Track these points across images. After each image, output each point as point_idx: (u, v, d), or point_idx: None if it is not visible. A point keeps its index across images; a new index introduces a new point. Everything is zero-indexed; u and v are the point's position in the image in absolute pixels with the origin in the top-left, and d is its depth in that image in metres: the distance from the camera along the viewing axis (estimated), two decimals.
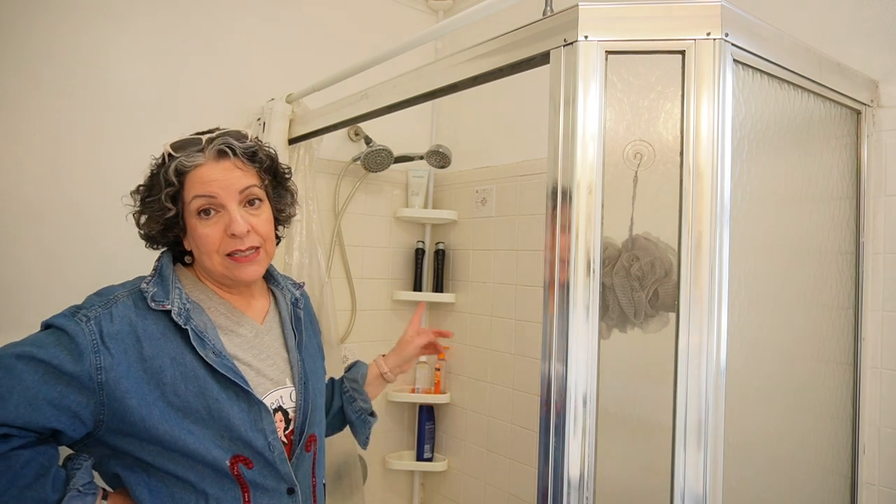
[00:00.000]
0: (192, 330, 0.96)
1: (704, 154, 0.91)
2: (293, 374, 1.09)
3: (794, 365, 1.21)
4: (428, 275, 2.45)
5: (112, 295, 0.96)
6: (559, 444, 0.93)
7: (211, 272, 1.03)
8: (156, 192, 1.00)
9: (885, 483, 1.26)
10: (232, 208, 0.99)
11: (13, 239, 1.65)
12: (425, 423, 2.39)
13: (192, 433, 0.93)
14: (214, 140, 1.00)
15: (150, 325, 0.94)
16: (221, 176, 0.99)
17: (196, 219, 0.99)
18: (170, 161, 0.99)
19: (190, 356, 0.95)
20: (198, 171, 0.98)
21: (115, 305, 0.94)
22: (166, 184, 0.98)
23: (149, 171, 1.04)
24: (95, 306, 0.93)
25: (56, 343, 0.89)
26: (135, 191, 1.06)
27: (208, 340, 0.97)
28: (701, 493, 0.89)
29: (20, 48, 1.65)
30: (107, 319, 0.92)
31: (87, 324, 0.90)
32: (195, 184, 0.98)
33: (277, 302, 1.15)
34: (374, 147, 2.18)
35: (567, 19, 0.96)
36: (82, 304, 0.95)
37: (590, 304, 0.93)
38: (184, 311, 0.97)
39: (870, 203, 1.29)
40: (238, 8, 2.03)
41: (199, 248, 1.00)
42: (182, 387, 0.94)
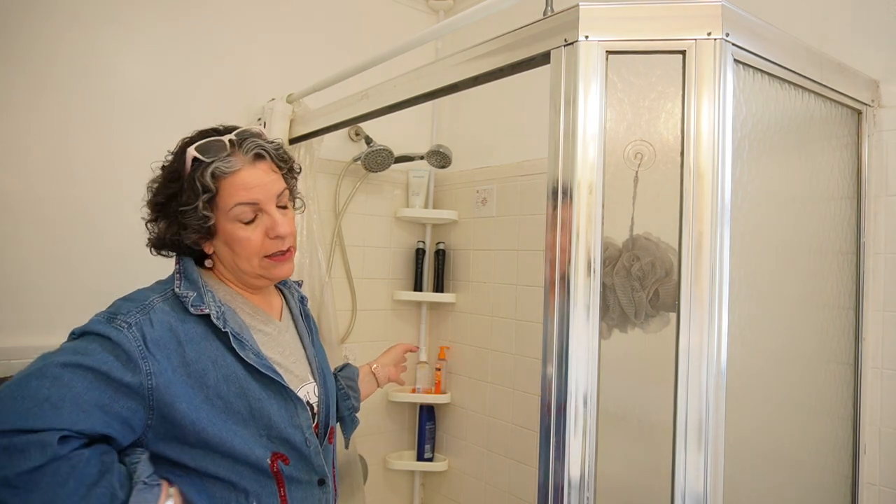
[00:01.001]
0: (232, 333, 0.96)
1: (705, 154, 0.91)
2: (312, 370, 1.12)
3: (795, 365, 1.21)
4: (428, 275, 2.45)
5: (147, 300, 0.94)
6: (559, 444, 0.93)
7: (246, 273, 1.02)
8: (191, 201, 0.96)
9: (886, 483, 1.26)
10: (272, 211, 0.99)
11: (18, 239, 1.65)
12: (426, 423, 2.39)
13: (237, 434, 0.94)
14: (244, 142, 0.99)
15: (190, 330, 0.94)
16: (261, 181, 0.98)
17: (234, 224, 0.98)
18: (201, 166, 0.96)
19: (230, 358, 0.95)
20: (237, 177, 0.97)
21: (153, 311, 0.92)
22: (203, 190, 0.95)
23: (166, 175, 1.00)
24: (133, 312, 0.91)
25: (101, 350, 0.87)
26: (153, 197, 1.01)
27: (246, 342, 0.98)
28: (701, 493, 0.89)
29: (23, 50, 1.66)
30: (147, 325, 0.91)
31: (129, 330, 0.89)
32: (237, 190, 0.96)
33: (287, 300, 1.18)
34: (374, 147, 2.18)
35: (567, 19, 0.96)
36: (116, 311, 0.92)
37: (590, 304, 0.93)
38: (220, 314, 0.96)
39: (870, 203, 1.29)
40: (239, 8, 2.03)
41: (237, 252, 0.99)
42: (224, 388, 0.94)
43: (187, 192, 0.96)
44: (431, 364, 2.44)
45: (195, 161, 0.97)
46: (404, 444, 2.46)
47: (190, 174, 0.96)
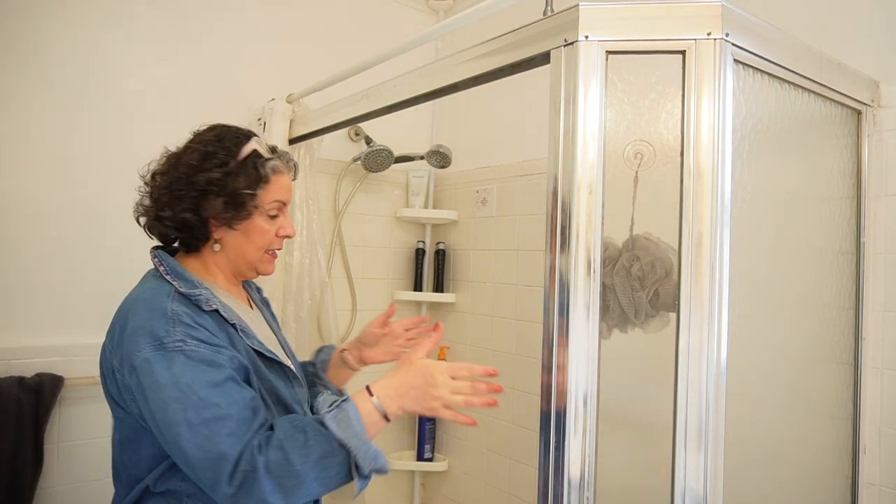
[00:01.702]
0: (238, 324, 1.02)
1: (705, 154, 0.91)
2: (286, 352, 1.19)
3: (795, 365, 1.21)
4: (428, 275, 2.45)
5: (168, 311, 0.94)
6: (559, 444, 0.93)
7: (246, 263, 1.08)
8: (251, 185, 1.03)
9: (886, 483, 1.26)
10: (288, 215, 1.11)
11: (17, 239, 1.65)
12: (425, 422, 2.39)
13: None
14: (283, 154, 1.11)
15: (208, 323, 0.97)
16: (291, 188, 1.11)
17: (264, 217, 1.06)
18: (258, 158, 1.04)
19: (242, 343, 1.01)
20: (282, 177, 1.08)
21: (182, 317, 0.94)
22: (263, 179, 1.04)
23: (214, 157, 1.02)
24: (171, 329, 0.92)
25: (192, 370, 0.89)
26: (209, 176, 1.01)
27: (248, 330, 1.04)
28: (701, 493, 0.89)
29: (23, 51, 1.66)
30: (193, 329, 0.93)
31: (187, 344, 0.91)
32: (280, 188, 1.07)
33: (249, 292, 1.23)
34: (374, 147, 2.18)
35: (567, 19, 0.96)
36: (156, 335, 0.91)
37: (590, 304, 0.93)
38: (224, 307, 1.01)
39: (870, 203, 1.29)
40: (239, 8, 2.04)
41: (252, 241, 1.06)
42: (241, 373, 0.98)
43: (244, 177, 1.03)
44: None
45: (254, 152, 1.04)
46: (404, 444, 2.46)
47: (245, 161, 1.03)
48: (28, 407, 1.55)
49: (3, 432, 1.51)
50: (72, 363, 1.66)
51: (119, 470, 1.03)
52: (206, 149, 1.03)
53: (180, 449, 0.87)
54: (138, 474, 0.98)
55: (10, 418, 1.52)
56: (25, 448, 1.54)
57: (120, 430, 1.02)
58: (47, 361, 1.65)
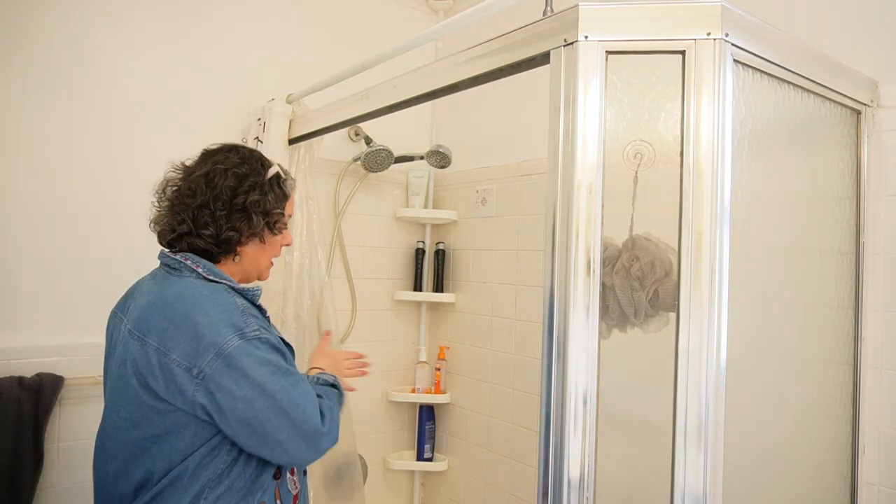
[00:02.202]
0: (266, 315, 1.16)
1: (704, 154, 0.91)
2: None
3: (794, 365, 1.21)
4: (428, 275, 2.45)
5: (238, 306, 1.06)
6: (559, 444, 0.93)
7: (258, 270, 1.22)
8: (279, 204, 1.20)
9: (886, 483, 1.26)
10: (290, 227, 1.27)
11: (17, 239, 1.65)
12: (425, 422, 2.39)
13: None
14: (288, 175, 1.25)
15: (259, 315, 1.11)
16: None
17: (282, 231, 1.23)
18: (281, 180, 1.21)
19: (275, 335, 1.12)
20: (293, 195, 1.27)
21: (249, 309, 1.08)
22: (284, 195, 1.22)
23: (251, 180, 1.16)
24: (247, 320, 1.05)
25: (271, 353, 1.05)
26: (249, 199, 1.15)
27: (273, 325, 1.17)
28: (701, 493, 0.89)
29: (23, 50, 1.66)
30: (258, 321, 1.07)
31: (263, 334, 1.05)
32: (291, 204, 1.25)
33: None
34: (374, 147, 2.18)
35: (567, 19, 0.97)
36: (237, 326, 1.03)
37: (590, 304, 0.93)
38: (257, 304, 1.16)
39: (870, 203, 1.29)
40: (238, 8, 2.04)
41: (268, 252, 1.22)
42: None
43: (273, 196, 1.18)
44: (431, 364, 2.44)
45: (276, 175, 1.19)
46: (404, 444, 2.46)
47: (270, 181, 1.18)
48: (28, 407, 1.55)
49: (3, 432, 1.51)
50: (72, 363, 1.66)
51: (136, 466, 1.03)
52: (238, 170, 1.15)
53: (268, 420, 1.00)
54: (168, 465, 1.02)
55: (10, 418, 1.52)
56: (25, 448, 1.54)
57: (156, 425, 1.02)
58: (47, 361, 1.65)
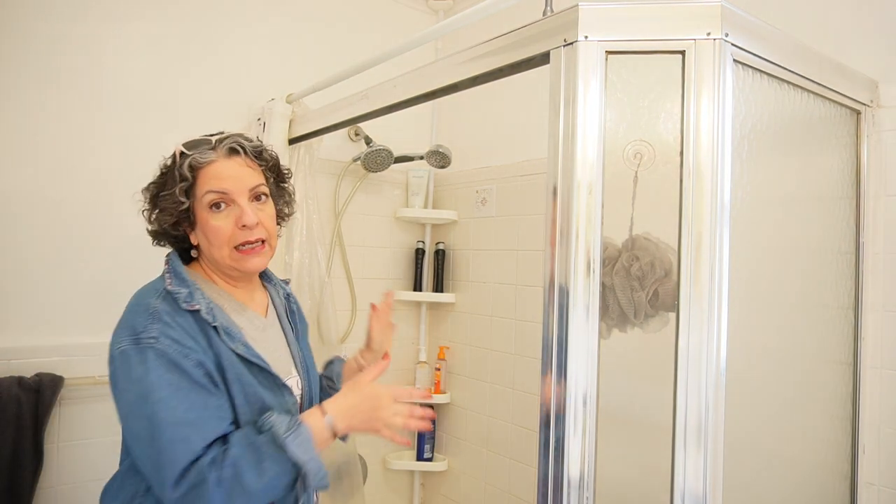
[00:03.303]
0: (221, 326, 1.01)
1: (704, 154, 0.91)
2: (296, 364, 1.16)
3: (794, 365, 1.21)
4: (428, 275, 2.45)
5: (150, 307, 0.98)
6: (559, 444, 0.93)
7: (219, 264, 1.08)
8: (169, 187, 1.05)
9: (885, 483, 1.26)
10: (242, 202, 1.05)
11: (17, 239, 1.65)
12: None
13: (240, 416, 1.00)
14: (225, 140, 1.07)
15: (185, 323, 0.99)
16: (233, 172, 1.05)
17: (208, 212, 1.04)
18: (182, 158, 1.05)
19: (223, 347, 1.00)
20: (211, 167, 1.05)
21: (162, 315, 0.97)
22: (180, 178, 1.04)
23: (159, 170, 1.09)
24: (150, 324, 0.96)
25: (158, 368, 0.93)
26: (146, 188, 1.10)
27: (235, 334, 1.03)
28: (701, 493, 0.89)
29: (23, 50, 1.66)
30: (168, 327, 0.96)
31: (158, 342, 0.94)
32: (209, 179, 1.04)
33: (272, 297, 1.21)
34: (374, 147, 2.18)
35: (567, 19, 0.97)
36: (134, 329, 0.96)
37: (590, 304, 0.93)
38: (209, 309, 1.01)
39: (870, 203, 1.29)
40: (238, 8, 2.03)
41: (210, 241, 1.05)
42: (219, 377, 0.99)
43: (169, 181, 1.06)
44: (431, 364, 2.44)
45: (181, 155, 1.06)
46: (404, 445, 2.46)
47: (171, 169, 1.06)
48: (28, 407, 1.55)
49: (3, 432, 1.51)
50: (72, 363, 1.66)
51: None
52: (162, 164, 1.09)
53: (136, 443, 0.92)
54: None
55: (10, 418, 1.52)
56: (25, 448, 1.54)
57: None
58: (47, 361, 1.65)
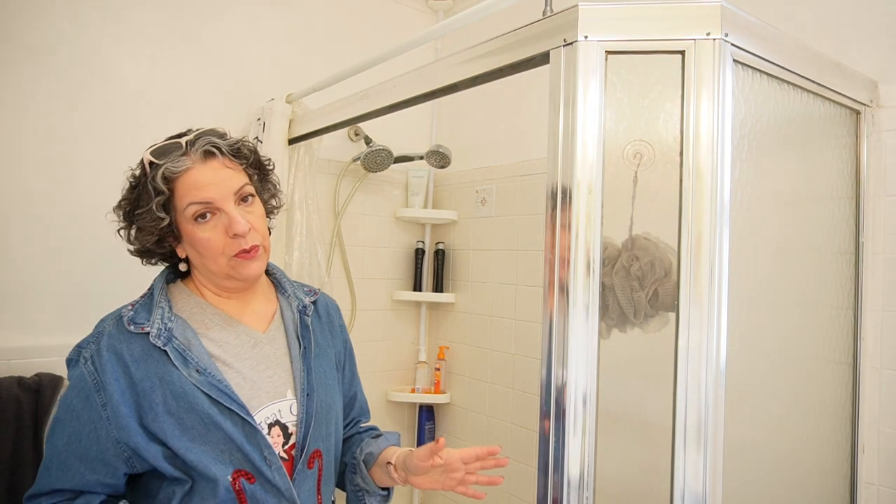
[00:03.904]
0: (174, 349, 0.94)
1: (704, 154, 0.91)
2: (295, 386, 1.04)
3: (794, 365, 1.21)
4: (428, 275, 2.45)
5: (101, 327, 0.98)
6: (559, 444, 0.93)
7: (215, 275, 1.00)
8: (144, 203, 0.96)
9: (885, 483, 1.26)
10: (230, 209, 0.96)
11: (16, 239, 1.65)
12: (425, 423, 2.39)
13: (190, 451, 0.92)
14: (196, 141, 0.97)
15: (136, 348, 0.94)
16: (213, 178, 0.96)
17: (193, 225, 0.96)
18: (153, 169, 0.95)
19: (177, 373, 0.93)
20: (188, 176, 0.95)
21: (103, 338, 0.96)
22: (156, 193, 0.95)
23: (128, 183, 1.00)
24: (90, 343, 0.96)
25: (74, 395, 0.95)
26: (118, 206, 1.01)
27: (191, 358, 0.95)
28: (701, 493, 0.89)
29: (22, 50, 1.65)
30: (98, 355, 0.94)
31: (86, 365, 0.94)
32: (188, 190, 0.95)
33: (283, 310, 1.11)
34: (374, 147, 2.18)
35: (567, 19, 0.96)
36: (80, 343, 0.98)
37: (590, 304, 0.93)
38: (164, 330, 0.95)
39: (869, 203, 1.29)
40: (238, 8, 2.03)
41: (201, 254, 0.98)
42: (174, 405, 0.92)
43: (143, 197, 0.96)
44: (431, 364, 2.44)
45: (151, 165, 0.96)
46: (404, 444, 2.45)
47: (142, 181, 0.97)
48: (28, 407, 1.55)
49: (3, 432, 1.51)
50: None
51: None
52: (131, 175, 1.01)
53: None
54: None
55: (10, 418, 1.52)
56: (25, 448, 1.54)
57: None
58: (46, 361, 1.64)
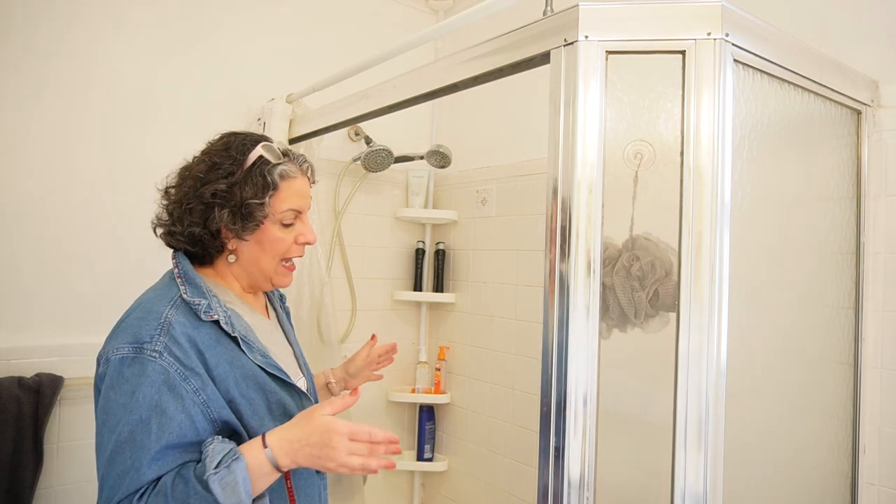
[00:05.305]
0: (240, 337, 1.00)
1: (705, 154, 0.91)
2: (300, 365, 1.18)
3: (795, 365, 1.21)
4: (428, 275, 2.45)
5: (162, 317, 0.94)
6: (559, 445, 0.93)
7: (261, 273, 1.06)
8: (257, 194, 1.01)
9: (886, 483, 1.26)
10: (307, 221, 1.08)
11: (17, 239, 1.65)
12: (425, 423, 2.39)
13: (263, 427, 0.98)
14: (297, 156, 1.08)
15: (205, 335, 0.96)
16: (307, 192, 1.08)
17: (277, 225, 1.04)
18: (267, 165, 1.02)
19: (244, 358, 1.00)
20: (295, 182, 1.05)
21: (172, 328, 0.94)
22: (271, 185, 1.02)
23: (221, 167, 1.02)
24: (156, 337, 0.92)
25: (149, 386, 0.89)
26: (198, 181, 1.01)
27: (254, 344, 1.02)
28: (701, 494, 0.89)
29: (22, 51, 1.66)
30: (174, 344, 0.92)
31: (162, 358, 0.91)
32: (292, 194, 1.04)
33: (271, 300, 1.22)
34: (374, 147, 2.18)
35: (567, 19, 0.96)
36: (139, 338, 0.92)
37: (590, 304, 0.93)
38: (228, 319, 0.99)
39: (870, 203, 1.29)
40: (238, 9, 2.04)
41: (266, 251, 1.04)
42: (244, 386, 0.98)
43: (251, 185, 1.01)
44: (431, 364, 2.44)
45: (260, 158, 1.02)
46: (404, 444, 2.46)
47: (252, 169, 1.02)
48: (28, 407, 1.55)
49: (3, 432, 1.51)
50: (71, 363, 1.66)
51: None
52: (213, 160, 1.02)
53: (100, 452, 0.90)
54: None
55: (10, 418, 1.52)
56: (25, 448, 1.54)
57: None
58: (47, 361, 1.65)
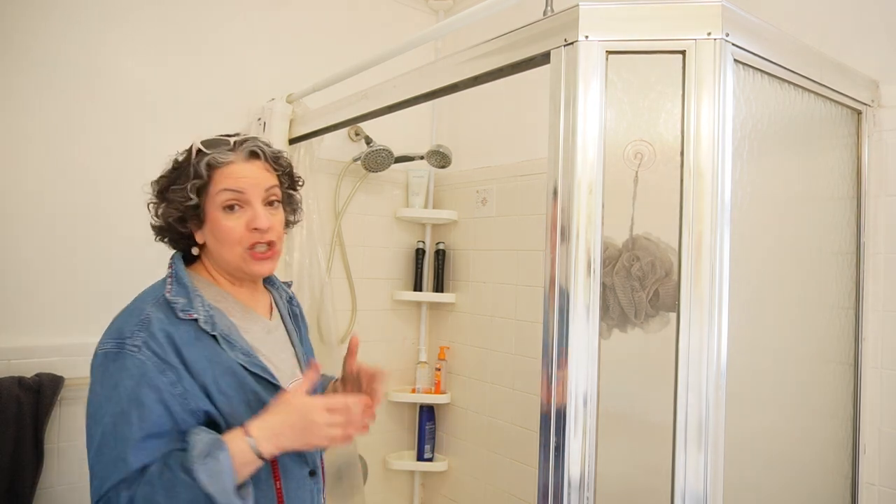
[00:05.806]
0: (220, 335, 1.01)
1: (705, 154, 0.91)
2: (301, 367, 1.17)
3: (795, 365, 1.21)
4: (428, 275, 2.45)
5: (143, 314, 0.98)
6: (559, 445, 0.93)
7: (228, 263, 1.07)
8: (181, 182, 1.04)
9: (886, 483, 1.26)
10: (256, 205, 1.05)
11: (18, 239, 1.65)
12: (425, 423, 2.39)
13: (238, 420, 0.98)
14: (245, 142, 1.07)
15: (183, 332, 0.98)
16: (250, 174, 1.05)
17: (220, 212, 1.04)
18: (200, 156, 1.04)
19: (224, 355, 1.00)
20: (228, 168, 1.04)
21: (150, 324, 0.96)
22: (195, 176, 1.03)
23: (171, 164, 1.08)
24: (136, 332, 0.95)
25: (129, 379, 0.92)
26: (156, 181, 1.08)
27: (236, 342, 1.02)
28: (701, 493, 0.89)
29: (23, 51, 1.66)
30: (152, 339, 0.95)
31: (141, 351, 0.94)
32: (225, 178, 1.04)
33: (276, 300, 1.21)
34: (374, 147, 2.18)
35: (567, 19, 0.96)
36: (121, 333, 0.96)
37: (590, 304, 0.93)
38: (209, 318, 1.01)
39: (870, 203, 1.29)
40: (238, 8, 2.04)
41: (220, 241, 1.05)
42: (223, 383, 0.99)
43: (182, 177, 1.05)
44: (431, 364, 2.44)
45: (198, 152, 1.05)
46: (404, 444, 2.46)
47: (185, 164, 1.05)
48: (28, 407, 1.55)
49: (3, 432, 1.51)
50: (71, 363, 1.66)
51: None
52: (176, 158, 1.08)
53: (89, 445, 0.92)
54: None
55: (10, 418, 1.52)
56: (25, 448, 1.54)
57: None
58: (47, 361, 1.65)
